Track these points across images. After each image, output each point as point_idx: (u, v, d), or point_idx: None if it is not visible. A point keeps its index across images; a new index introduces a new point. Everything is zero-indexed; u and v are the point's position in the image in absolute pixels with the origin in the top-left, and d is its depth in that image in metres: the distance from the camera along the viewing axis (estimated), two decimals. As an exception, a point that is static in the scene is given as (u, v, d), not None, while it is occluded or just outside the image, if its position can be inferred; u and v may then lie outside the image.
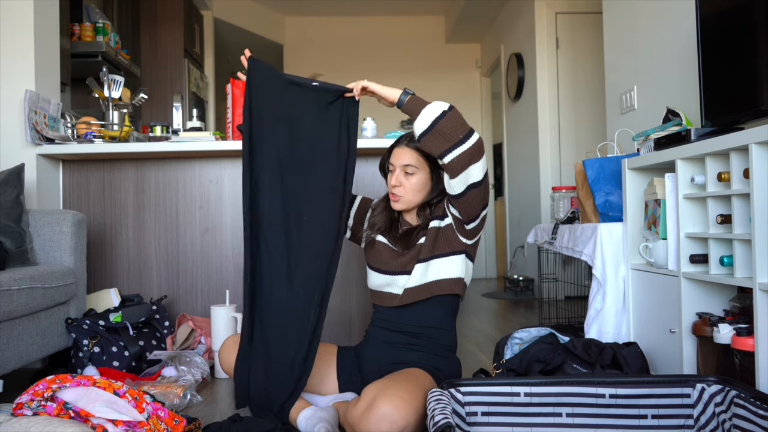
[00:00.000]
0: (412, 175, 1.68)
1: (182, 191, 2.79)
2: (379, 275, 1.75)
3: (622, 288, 2.23)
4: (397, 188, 1.69)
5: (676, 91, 2.57)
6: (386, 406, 1.35)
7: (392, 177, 1.70)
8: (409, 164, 1.67)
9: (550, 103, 4.63)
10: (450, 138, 1.50)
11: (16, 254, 2.15)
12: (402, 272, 1.70)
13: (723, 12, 1.88)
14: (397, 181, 1.68)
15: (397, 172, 1.69)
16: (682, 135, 1.89)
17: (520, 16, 5.03)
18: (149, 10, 4.66)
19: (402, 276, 1.70)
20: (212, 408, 1.93)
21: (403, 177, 1.68)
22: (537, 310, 3.83)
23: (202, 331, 2.47)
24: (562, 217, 2.81)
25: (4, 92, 2.54)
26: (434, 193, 1.72)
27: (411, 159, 1.67)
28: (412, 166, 1.67)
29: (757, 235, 1.48)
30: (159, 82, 4.63)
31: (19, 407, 1.39)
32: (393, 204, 1.72)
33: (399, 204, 1.71)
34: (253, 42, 6.17)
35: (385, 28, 6.42)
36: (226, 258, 2.78)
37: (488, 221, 6.47)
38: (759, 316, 1.47)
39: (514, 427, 1.48)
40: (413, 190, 1.69)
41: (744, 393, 1.32)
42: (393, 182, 1.69)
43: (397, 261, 1.71)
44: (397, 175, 1.68)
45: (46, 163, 2.64)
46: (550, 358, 1.84)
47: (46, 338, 2.10)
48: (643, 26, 2.84)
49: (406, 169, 1.68)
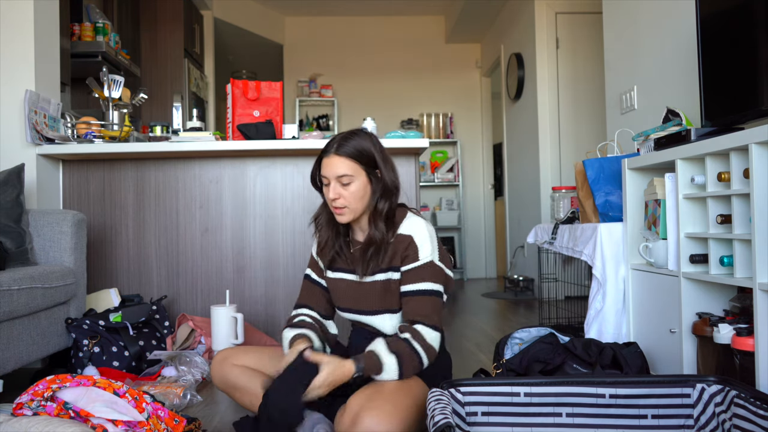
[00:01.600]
0: (349, 184, 1.55)
1: (182, 191, 2.79)
2: (349, 314, 1.68)
3: (622, 288, 2.23)
4: (338, 200, 1.56)
5: (676, 91, 2.57)
6: (370, 420, 1.31)
7: (329, 190, 1.57)
8: (343, 174, 1.54)
9: (550, 103, 4.63)
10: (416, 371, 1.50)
11: (16, 254, 2.15)
12: (374, 312, 1.62)
13: (723, 12, 1.88)
14: (335, 193, 1.56)
15: (332, 184, 1.56)
16: (682, 135, 1.89)
17: (520, 16, 5.03)
18: (149, 10, 4.66)
19: (375, 316, 1.62)
20: (212, 408, 1.93)
21: (340, 188, 1.56)
22: (537, 310, 3.83)
23: (202, 331, 2.47)
24: (562, 217, 2.81)
25: (4, 92, 2.54)
26: (377, 194, 1.59)
27: (344, 168, 1.54)
28: (347, 176, 1.55)
29: (757, 235, 1.48)
30: (159, 82, 4.62)
31: (19, 407, 1.39)
32: (338, 218, 1.60)
33: (345, 217, 1.59)
34: (253, 42, 6.17)
35: (385, 28, 6.42)
36: (226, 258, 2.78)
37: (488, 221, 6.47)
38: (759, 316, 1.47)
39: (514, 427, 1.48)
40: (355, 198, 1.56)
41: (744, 393, 1.32)
42: (331, 195, 1.56)
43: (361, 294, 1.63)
44: (334, 187, 1.56)
45: (46, 163, 2.64)
46: (550, 358, 1.84)
47: (46, 338, 2.10)
48: (643, 26, 2.84)
49: (341, 179, 1.55)
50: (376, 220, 1.59)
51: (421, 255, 1.56)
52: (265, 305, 2.79)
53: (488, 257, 6.45)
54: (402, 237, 1.58)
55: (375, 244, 1.59)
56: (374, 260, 1.59)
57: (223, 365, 1.68)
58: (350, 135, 1.58)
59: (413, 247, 1.56)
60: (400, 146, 2.63)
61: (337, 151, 1.55)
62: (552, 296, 3.63)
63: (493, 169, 6.44)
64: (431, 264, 1.56)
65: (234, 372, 1.66)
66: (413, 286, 1.55)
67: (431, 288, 1.55)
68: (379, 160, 1.58)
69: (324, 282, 1.73)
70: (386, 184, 1.59)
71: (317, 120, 6.33)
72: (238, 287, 2.77)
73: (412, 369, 1.47)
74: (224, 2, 5.57)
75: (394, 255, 1.58)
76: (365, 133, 1.61)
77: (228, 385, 1.67)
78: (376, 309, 1.62)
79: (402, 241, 1.58)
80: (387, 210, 1.60)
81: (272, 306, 2.79)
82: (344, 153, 1.55)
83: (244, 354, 1.71)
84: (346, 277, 1.66)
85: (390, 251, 1.59)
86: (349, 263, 1.65)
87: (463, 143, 6.43)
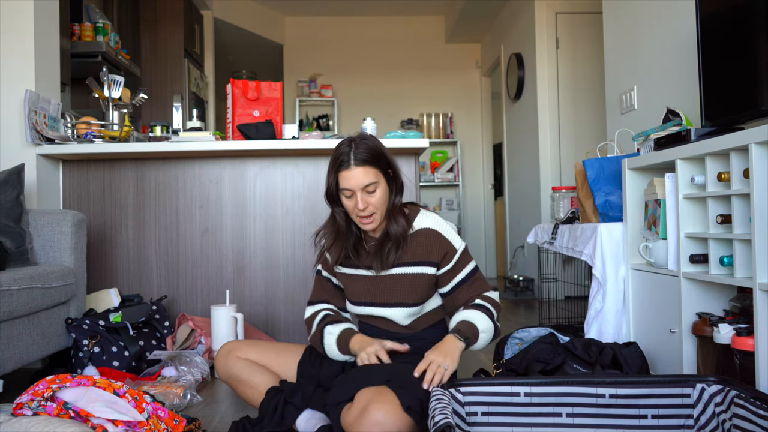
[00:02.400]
0: (375, 191, 1.55)
1: (182, 191, 2.79)
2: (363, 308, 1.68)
3: (622, 288, 2.23)
4: (366, 209, 1.55)
5: (676, 91, 2.57)
6: (379, 413, 1.32)
7: (354, 202, 1.55)
8: (369, 183, 1.53)
9: (550, 103, 4.63)
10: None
11: (16, 254, 2.15)
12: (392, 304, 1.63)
13: (723, 12, 1.88)
14: (364, 203, 1.54)
15: (359, 195, 1.54)
16: (682, 135, 1.89)
17: (520, 16, 5.03)
18: (149, 10, 4.66)
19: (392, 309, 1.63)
20: (212, 408, 1.93)
21: (367, 196, 1.55)
22: (537, 310, 3.83)
23: (202, 331, 2.47)
24: (562, 217, 2.81)
25: (4, 92, 2.54)
26: (393, 193, 1.61)
27: (368, 176, 1.53)
28: (372, 183, 1.54)
29: (757, 235, 1.48)
30: (159, 82, 4.63)
31: (19, 407, 1.39)
32: (367, 226, 1.59)
33: (373, 223, 1.58)
34: (253, 42, 6.17)
35: (385, 28, 6.42)
36: (226, 258, 2.78)
37: (488, 221, 6.48)
38: (759, 316, 1.47)
39: (514, 427, 1.48)
40: (381, 203, 1.57)
41: (744, 393, 1.32)
42: (360, 206, 1.54)
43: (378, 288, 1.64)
44: (361, 197, 1.54)
45: (46, 163, 2.64)
46: (550, 358, 1.84)
47: (46, 338, 2.10)
48: (643, 26, 2.84)
49: (368, 188, 1.54)
50: (396, 216, 1.61)
51: (456, 245, 1.64)
52: (265, 305, 2.79)
53: (488, 257, 6.46)
54: (427, 231, 1.63)
55: (394, 238, 1.61)
56: (392, 254, 1.61)
57: (228, 357, 1.70)
58: (359, 142, 1.56)
59: (446, 243, 1.63)
60: (400, 146, 2.63)
61: (356, 161, 1.53)
62: (552, 296, 3.63)
63: (493, 169, 6.44)
64: (465, 249, 1.67)
65: (238, 365, 1.68)
66: (461, 275, 1.64)
67: (472, 268, 1.66)
68: (389, 157, 1.61)
69: (335, 278, 1.74)
70: (398, 181, 1.63)
71: (317, 120, 6.33)
72: (238, 287, 2.77)
73: (497, 315, 1.61)
74: (224, 2, 5.57)
75: (427, 249, 1.62)
76: (365, 136, 1.61)
77: (232, 378, 1.69)
78: (394, 302, 1.63)
79: (429, 236, 1.62)
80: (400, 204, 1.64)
81: (272, 306, 2.79)
82: (364, 162, 1.53)
83: (249, 347, 1.72)
84: (359, 272, 1.67)
85: (414, 244, 1.62)
86: (363, 260, 1.66)
87: (463, 143, 6.43)
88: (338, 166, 1.55)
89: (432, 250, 1.61)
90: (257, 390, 1.64)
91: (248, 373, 1.66)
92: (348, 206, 1.58)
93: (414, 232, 1.62)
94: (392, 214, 1.61)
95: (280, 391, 1.60)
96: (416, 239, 1.62)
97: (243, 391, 1.68)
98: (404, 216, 1.63)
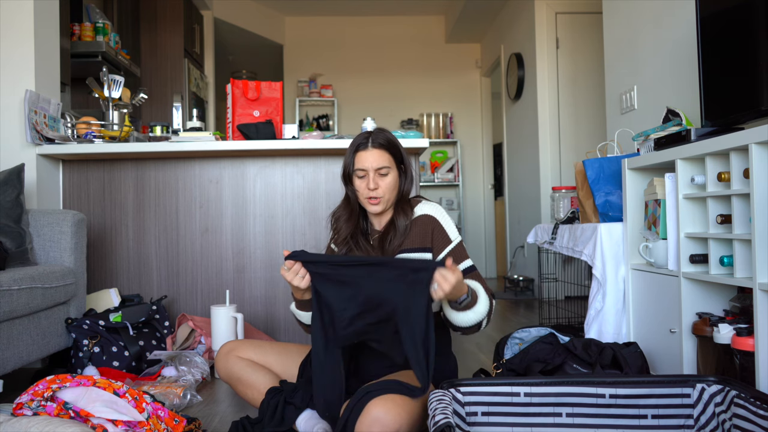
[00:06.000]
0: (387, 175, 1.64)
1: (182, 191, 2.79)
2: None
3: (622, 288, 2.23)
4: (376, 191, 1.63)
5: (676, 91, 2.57)
6: (378, 410, 1.33)
7: (365, 182, 1.63)
8: (382, 166, 1.63)
9: (550, 103, 4.63)
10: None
11: (16, 254, 2.15)
12: None
13: (723, 12, 1.88)
14: (375, 183, 1.62)
15: (371, 176, 1.63)
16: (682, 135, 1.89)
17: (520, 16, 5.03)
18: (149, 10, 4.66)
19: None
20: (212, 408, 1.93)
21: (378, 178, 1.63)
22: (537, 310, 3.83)
23: (202, 331, 2.47)
24: (562, 217, 2.81)
25: (4, 92, 2.54)
26: (402, 184, 1.69)
27: (382, 160, 1.63)
28: (385, 167, 1.63)
29: (757, 235, 1.48)
30: (159, 82, 4.62)
31: (19, 407, 1.39)
32: (373, 208, 1.65)
33: (380, 206, 1.65)
34: (253, 42, 6.17)
35: (385, 28, 6.42)
36: (226, 258, 2.78)
37: (488, 221, 6.48)
38: (759, 316, 1.47)
39: (514, 427, 1.48)
40: (389, 189, 1.64)
41: (744, 393, 1.32)
42: (371, 186, 1.62)
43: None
44: (373, 178, 1.62)
45: (46, 163, 2.64)
46: (550, 358, 1.84)
47: (46, 338, 2.10)
48: (643, 26, 2.84)
49: (380, 171, 1.63)
50: (405, 208, 1.67)
51: (452, 236, 1.66)
52: (265, 305, 2.79)
53: (488, 257, 6.45)
54: (425, 218, 1.66)
55: (399, 229, 1.65)
56: (392, 245, 1.65)
57: (228, 357, 1.70)
58: (378, 131, 1.66)
59: (441, 230, 1.66)
60: (400, 146, 2.63)
61: (374, 144, 1.64)
62: (552, 296, 3.64)
63: (493, 169, 6.44)
64: (460, 244, 1.67)
65: (239, 365, 1.68)
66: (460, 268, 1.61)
67: (469, 264, 1.65)
68: (403, 152, 1.68)
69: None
70: (409, 175, 1.70)
71: (317, 120, 6.33)
72: (238, 287, 2.77)
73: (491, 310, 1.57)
74: (224, 2, 5.57)
75: (423, 235, 1.64)
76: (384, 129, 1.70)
77: (232, 378, 1.69)
78: None
79: (426, 223, 1.66)
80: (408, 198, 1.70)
81: (272, 306, 2.79)
82: (381, 146, 1.64)
83: (249, 347, 1.73)
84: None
85: (413, 232, 1.65)
86: (367, 252, 1.69)
87: (463, 143, 6.43)
88: (356, 146, 1.66)
89: (427, 236, 1.65)
90: (257, 390, 1.65)
91: (248, 372, 1.67)
92: (359, 187, 1.65)
93: (414, 219, 1.67)
94: (400, 205, 1.68)
95: (280, 391, 1.60)
96: (415, 226, 1.66)
97: (243, 391, 1.68)
98: (411, 209, 1.69)
